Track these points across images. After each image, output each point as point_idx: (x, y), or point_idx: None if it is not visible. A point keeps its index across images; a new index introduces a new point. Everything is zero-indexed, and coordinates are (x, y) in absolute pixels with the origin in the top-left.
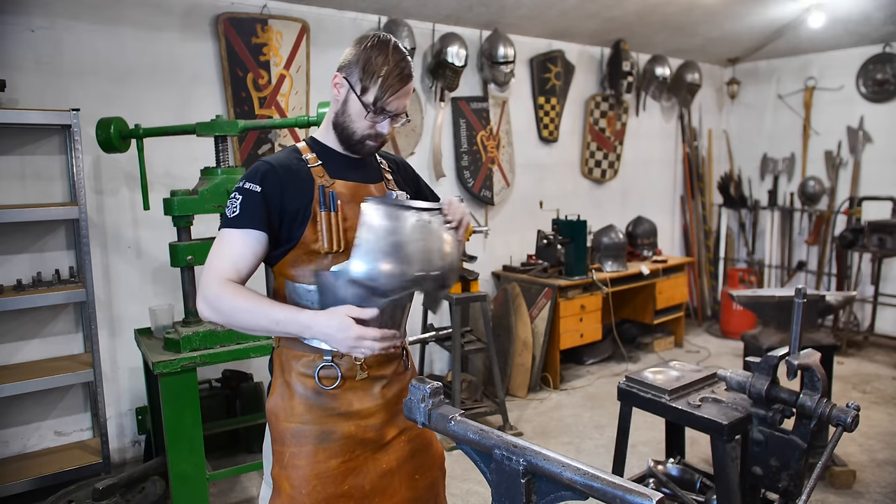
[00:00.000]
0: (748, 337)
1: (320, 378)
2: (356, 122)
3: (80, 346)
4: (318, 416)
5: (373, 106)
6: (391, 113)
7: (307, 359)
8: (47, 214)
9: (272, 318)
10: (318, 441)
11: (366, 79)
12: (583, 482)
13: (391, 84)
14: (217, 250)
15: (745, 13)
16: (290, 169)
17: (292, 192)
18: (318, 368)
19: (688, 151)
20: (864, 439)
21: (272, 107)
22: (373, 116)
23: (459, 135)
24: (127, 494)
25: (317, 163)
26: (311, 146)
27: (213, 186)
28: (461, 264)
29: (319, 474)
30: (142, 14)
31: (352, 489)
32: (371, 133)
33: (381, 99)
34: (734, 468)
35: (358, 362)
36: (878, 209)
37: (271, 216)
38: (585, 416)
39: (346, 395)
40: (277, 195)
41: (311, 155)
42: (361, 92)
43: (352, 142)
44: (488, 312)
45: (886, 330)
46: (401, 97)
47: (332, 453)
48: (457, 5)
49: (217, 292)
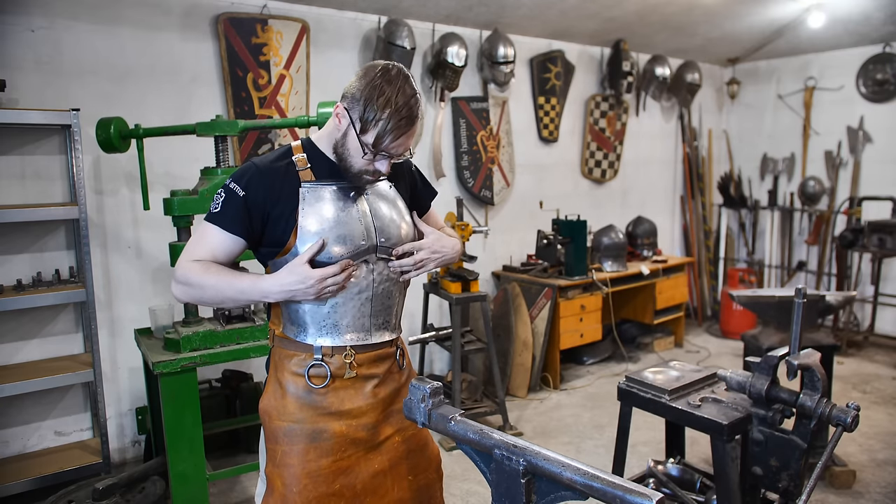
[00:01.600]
0: (748, 337)
1: (310, 377)
2: (353, 158)
3: (80, 346)
4: (309, 415)
5: (371, 147)
6: (390, 156)
7: (298, 358)
8: (47, 214)
9: (236, 287)
10: (310, 440)
11: (366, 118)
12: (583, 482)
13: (393, 129)
14: (195, 239)
15: (745, 13)
16: (276, 172)
17: (277, 197)
18: (308, 367)
19: (688, 151)
20: (864, 439)
21: (272, 107)
22: (371, 156)
23: (459, 135)
24: (127, 494)
25: (306, 165)
26: (306, 147)
27: (213, 186)
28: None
29: (310, 473)
30: (141, 14)
31: (343, 489)
32: (369, 169)
33: (382, 141)
34: (734, 468)
35: (347, 361)
36: (878, 209)
37: (252, 221)
38: (585, 416)
39: (338, 393)
40: (260, 200)
41: (302, 156)
42: (361, 131)
43: (348, 174)
44: (488, 312)
45: (886, 330)
46: (403, 141)
47: (322, 452)
48: (457, 5)
49: (185, 269)
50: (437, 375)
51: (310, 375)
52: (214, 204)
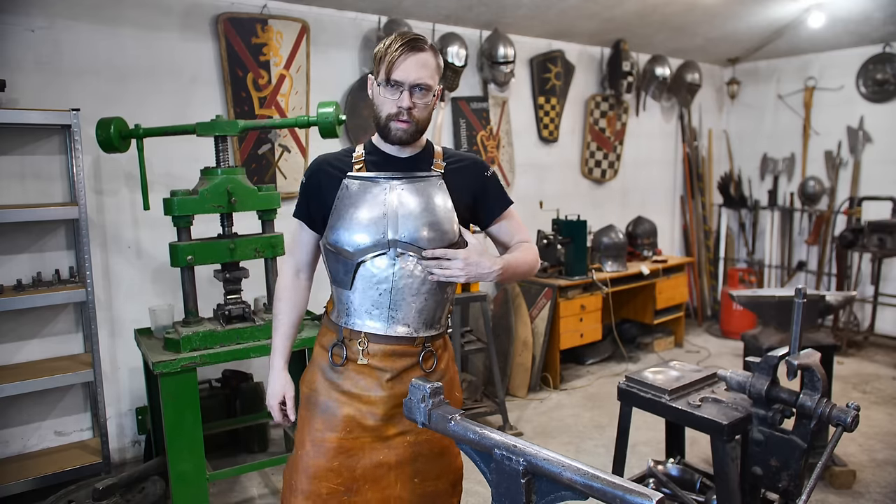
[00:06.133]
0: (748, 337)
1: (333, 354)
2: (380, 107)
3: (80, 346)
4: (325, 388)
5: (385, 80)
6: (402, 83)
7: (328, 336)
8: (47, 214)
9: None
10: (321, 411)
11: (377, 62)
12: (583, 482)
13: (398, 53)
14: (291, 237)
15: (745, 13)
16: (333, 164)
17: (329, 186)
18: (332, 345)
19: (688, 151)
20: (864, 439)
21: (272, 107)
22: (388, 91)
23: (459, 135)
24: (127, 494)
25: (361, 158)
26: (366, 145)
27: (213, 186)
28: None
29: (314, 441)
30: (141, 14)
31: (341, 467)
32: (393, 112)
33: (392, 70)
34: (734, 468)
35: (361, 347)
36: (878, 209)
37: (311, 208)
38: (585, 416)
39: (353, 375)
40: (316, 188)
41: (360, 150)
42: (376, 75)
43: (382, 128)
44: (488, 312)
45: (886, 330)
46: (408, 66)
47: (329, 426)
48: (457, 5)
49: (281, 284)
50: None
51: (333, 353)
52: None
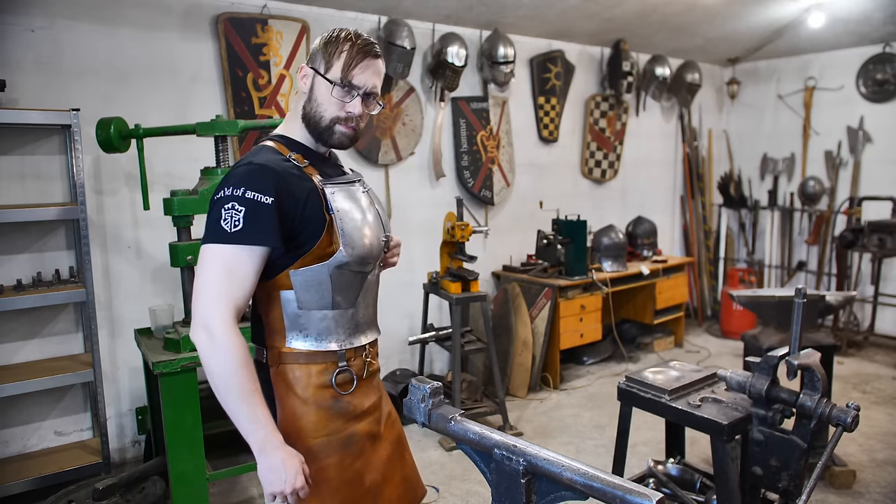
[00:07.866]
0: (748, 337)
1: (338, 384)
2: (324, 106)
3: (80, 346)
4: (340, 424)
5: (340, 80)
6: (359, 89)
7: (318, 368)
8: (47, 214)
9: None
10: (344, 448)
11: (329, 56)
12: (583, 482)
13: (355, 55)
14: (219, 273)
15: (745, 13)
16: (290, 173)
17: (304, 199)
18: (335, 375)
19: (688, 151)
20: (864, 439)
21: (272, 107)
22: (340, 93)
23: (459, 135)
24: (127, 494)
25: (305, 162)
26: (288, 146)
27: (213, 186)
28: None
29: (348, 480)
30: (141, 14)
31: (371, 485)
32: (340, 116)
33: (349, 72)
34: (734, 468)
35: (368, 359)
36: (878, 209)
37: (284, 230)
38: (585, 416)
39: (358, 395)
40: (292, 204)
41: (297, 154)
42: (326, 70)
43: (320, 128)
44: (488, 312)
45: (886, 330)
46: (368, 72)
47: (355, 456)
48: (457, 5)
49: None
50: (437, 375)
51: (337, 383)
52: (230, 222)
